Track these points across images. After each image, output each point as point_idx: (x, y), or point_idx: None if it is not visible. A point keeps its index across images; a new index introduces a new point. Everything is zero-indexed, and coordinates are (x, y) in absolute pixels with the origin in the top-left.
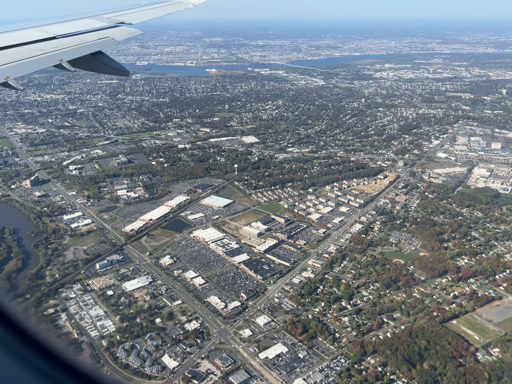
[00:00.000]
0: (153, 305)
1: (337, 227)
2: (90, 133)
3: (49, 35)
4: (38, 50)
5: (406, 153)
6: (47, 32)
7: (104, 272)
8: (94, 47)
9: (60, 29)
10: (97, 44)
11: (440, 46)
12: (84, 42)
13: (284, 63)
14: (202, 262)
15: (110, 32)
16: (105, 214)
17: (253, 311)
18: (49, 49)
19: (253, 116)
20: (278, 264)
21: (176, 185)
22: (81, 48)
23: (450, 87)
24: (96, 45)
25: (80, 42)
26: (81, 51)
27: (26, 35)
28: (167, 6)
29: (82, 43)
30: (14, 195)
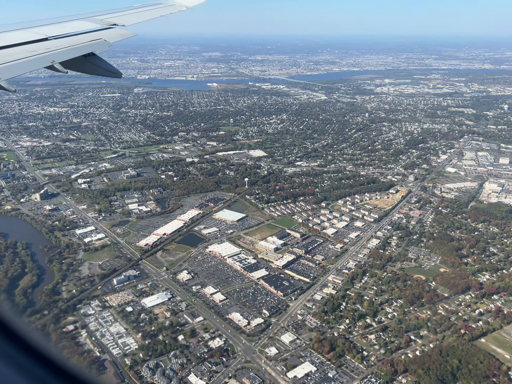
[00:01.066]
0: (174, 322)
1: (354, 242)
2: (96, 147)
3: (41, 37)
4: (30, 51)
5: (415, 167)
6: (39, 33)
7: (121, 288)
8: (87, 48)
9: (52, 30)
10: (90, 46)
11: (437, 62)
12: (77, 43)
13: (284, 78)
14: (220, 277)
15: (102, 34)
16: (118, 228)
17: (277, 328)
18: (41, 50)
19: (259, 130)
20: (298, 280)
21: (187, 199)
22: (73, 49)
23: (451, 102)
24: (89, 46)
25: (72, 43)
26: (73, 52)
27: (18, 36)
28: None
29: (75, 45)
30: (24, 208)
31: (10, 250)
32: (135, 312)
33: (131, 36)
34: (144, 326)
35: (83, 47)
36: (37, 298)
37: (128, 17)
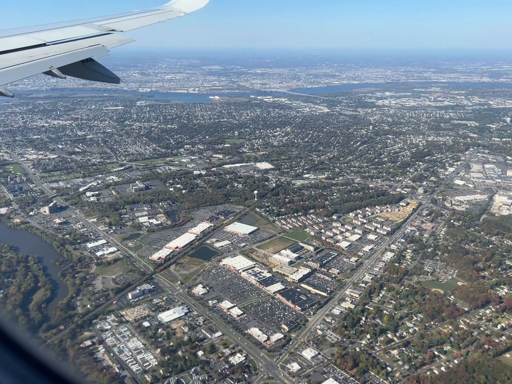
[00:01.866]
0: (193, 337)
1: (368, 255)
2: (102, 159)
3: (39, 42)
4: (28, 56)
5: (423, 180)
6: (37, 38)
7: (136, 302)
8: (85, 54)
9: (51, 36)
10: (88, 51)
11: (436, 75)
12: (75, 49)
13: (285, 91)
14: (236, 291)
15: (101, 40)
16: (129, 241)
17: (297, 343)
18: (39, 55)
19: (264, 143)
20: (315, 294)
21: (197, 212)
22: (71, 55)
23: (453, 115)
24: (87, 52)
25: (70, 49)
26: (71, 58)
27: (16, 41)
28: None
29: (73, 50)
30: (33, 222)
31: (21, 264)
32: (152, 327)
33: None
34: (162, 341)
35: (81, 53)
36: (51, 313)
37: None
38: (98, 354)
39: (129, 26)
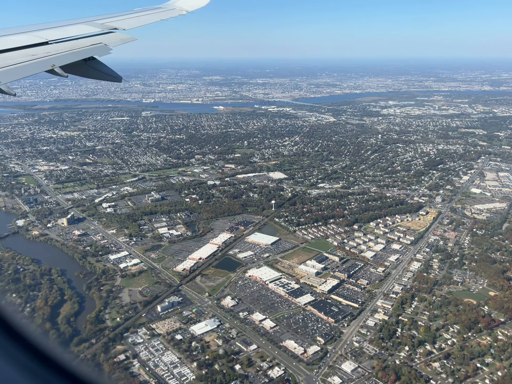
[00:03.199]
0: (229, 350)
1: (395, 265)
2: (115, 170)
3: (41, 40)
4: (30, 55)
5: (440, 188)
6: (39, 37)
7: (166, 315)
8: (87, 53)
9: (52, 34)
10: (90, 50)
11: (436, 84)
12: (77, 47)
13: (289, 101)
14: (265, 303)
15: (103, 38)
16: (152, 253)
17: (335, 356)
18: (41, 54)
19: (274, 152)
20: (346, 305)
21: (215, 222)
22: (73, 53)
23: (460, 123)
24: (89, 51)
25: (72, 47)
26: (73, 56)
27: (18, 40)
28: (161, 13)
29: (75, 49)
30: (52, 234)
31: (45, 277)
32: (186, 340)
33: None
34: (197, 355)
35: (83, 51)
36: (81, 326)
37: (128, 21)
38: (133, 369)
39: (131, 24)
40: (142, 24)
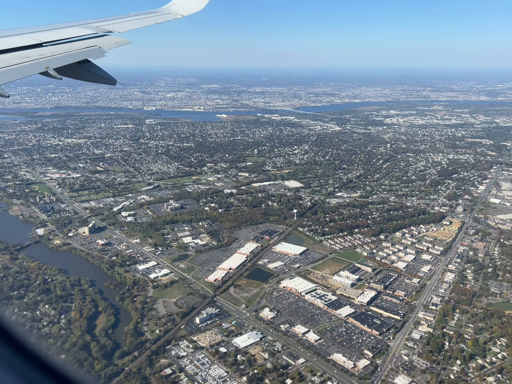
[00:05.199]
0: (278, 364)
1: (429, 276)
2: (128, 178)
3: (36, 43)
4: (24, 57)
5: (458, 198)
6: (34, 39)
7: (206, 327)
8: (81, 55)
9: (47, 36)
10: (85, 53)
11: (434, 93)
12: (71, 50)
13: (290, 109)
14: (305, 315)
15: (98, 41)
16: (180, 263)
17: (386, 370)
18: (35, 56)
19: (286, 161)
20: (387, 318)
21: (239, 232)
22: (68, 56)
23: (465, 133)
24: (84, 53)
25: (67, 50)
26: (68, 59)
27: (12, 42)
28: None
29: (69, 51)
30: (74, 243)
31: (76, 288)
32: (231, 353)
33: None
34: (245, 368)
35: (78, 54)
36: (120, 338)
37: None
38: (181, 383)
39: (126, 27)
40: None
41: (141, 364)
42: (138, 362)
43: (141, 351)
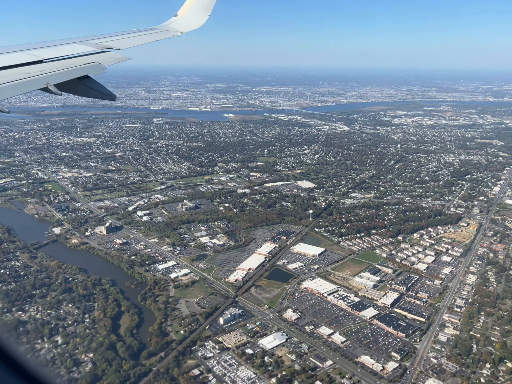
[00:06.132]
0: (306, 366)
1: (450, 278)
2: (141, 178)
3: (36, 59)
4: (25, 73)
5: (473, 199)
6: (34, 55)
7: (230, 328)
8: (81, 71)
9: (47, 53)
10: (84, 69)
11: (440, 94)
12: (71, 66)
13: (297, 109)
14: (328, 316)
15: (97, 57)
16: (199, 262)
17: (415, 373)
18: (36, 72)
19: (296, 161)
20: (412, 320)
21: (255, 232)
22: (68, 72)
23: (474, 134)
24: (83, 69)
25: (67, 66)
26: (68, 75)
27: (12, 58)
28: (155, 34)
29: (69, 67)
30: (92, 242)
31: (97, 287)
32: (258, 354)
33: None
34: (273, 370)
35: (77, 70)
36: (145, 338)
37: (123, 41)
38: None
39: (126, 44)
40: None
41: (169, 365)
42: (165, 362)
43: (168, 352)
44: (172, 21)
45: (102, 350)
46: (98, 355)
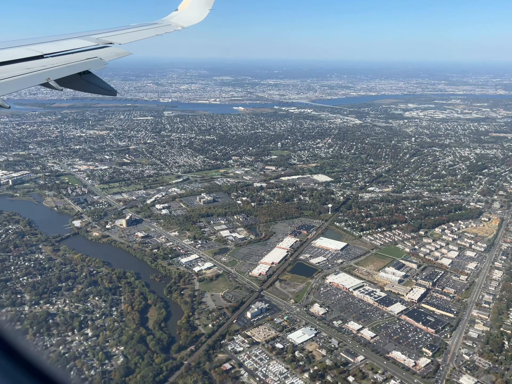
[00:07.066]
0: (338, 361)
1: (476, 274)
2: (156, 171)
3: (37, 54)
4: (25, 68)
5: (493, 194)
6: (35, 51)
7: (258, 322)
8: (82, 66)
9: (48, 48)
10: (85, 64)
11: (450, 87)
12: (72, 61)
13: (307, 102)
14: (356, 311)
15: (98, 52)
16: (221, 256)
17: (448, 369)
18: (37, 67)
19: (311, 154)
20: (440, 315)
21: (275, 226)
22: (68, 67)
23: (488, 127)
24: (84, 64)
25: (68, 61)
26: (68, 70)
27: (13, 53)
28: (156, 28)
29: (70, 63)
30: (113, 235)
31: (122, 281)
32: (288, 349)
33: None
34: (304, 365)
35: (78, 65)
36: (173, 332)
37: (124, 36)
38: (243, 379)
39: (127, 39)
40: (137, 39)
41: (200, 359)
42: (196, 356)
43: (198, 346)
44: (173, 16)
45: (133, 343)
46: (129, 348)
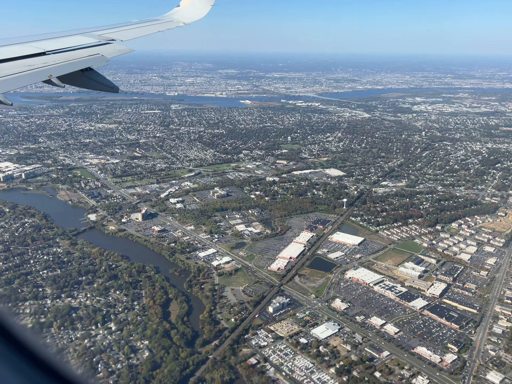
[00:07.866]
0: (363, 357)
1: (496, 269)
2: (168, 165)
3: (39, 51)
4: (28, 65)
5: (507, 189)
6: (37, 48)
7: (280, 317)
8: (84, 63)
9: (50, 45)
10: (87, 61)
11: (457, 81)
12: (74, 58)
13: (314, 95)
14: (378, 307)
15: (100, 49)
16: (238, 250)
17: (475, 365)
18: (39, 64)
19: (321, 148)
20: (463, 311)
21: (290, 220)
22: (70, 64)
23: (498, 121)
24: (86, 61)
25: (70, 58)
26: (70, 67)
27: (16, 50)
28: (158, 25)
29: (72, 60)
30: (130, 229)
31: (142, 275)
32: (313, 344)
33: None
34: (330, 360)
35: (80, 62)
36: (196, 326)
37: (126, 32)
38: (269, 373)
39: (129, 35)
40: (139, 36)
41: (225, 353)
42: (221, 350)
43: (222, 340)
44: (174, 12)
45: (157, 337)
46: (154, 343)
